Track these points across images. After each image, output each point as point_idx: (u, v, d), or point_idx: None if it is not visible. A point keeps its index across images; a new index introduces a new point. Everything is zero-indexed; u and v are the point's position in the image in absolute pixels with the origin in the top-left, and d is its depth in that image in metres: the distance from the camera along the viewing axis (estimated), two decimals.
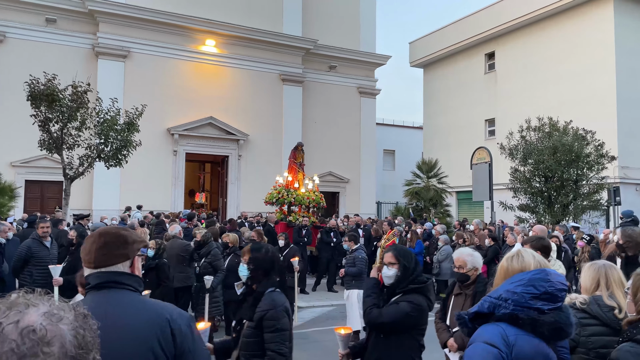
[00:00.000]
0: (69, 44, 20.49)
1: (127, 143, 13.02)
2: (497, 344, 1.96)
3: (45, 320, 0.93)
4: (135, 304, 1.84)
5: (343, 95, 26.37)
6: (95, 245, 1.90)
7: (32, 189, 19.92)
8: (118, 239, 1.92)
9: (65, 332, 0.94)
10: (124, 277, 1.88)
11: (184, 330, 1.81)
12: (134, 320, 1.77)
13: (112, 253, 1.89)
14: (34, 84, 12.14)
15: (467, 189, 20.11)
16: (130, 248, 1.92)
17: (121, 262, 1.89)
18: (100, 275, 1.86)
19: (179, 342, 1.79)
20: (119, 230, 2.00)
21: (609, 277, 2.88)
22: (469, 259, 4.19)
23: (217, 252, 7.78)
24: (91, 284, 1.87)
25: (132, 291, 1.88)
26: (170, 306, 1.89)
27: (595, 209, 15.12)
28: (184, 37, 22.26)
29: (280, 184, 15.97)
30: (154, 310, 1.82)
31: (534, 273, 2.13)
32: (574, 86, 21.51)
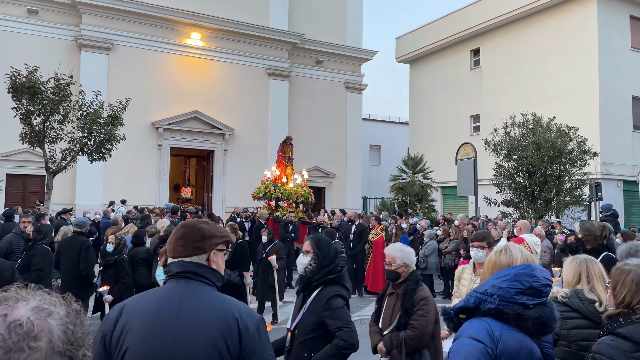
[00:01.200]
0: (51, 36, 20.14)
1: (111, 137, 12.86)
2: (483, 338, 1.98)
3: (33, 315, 0.93)
4: (208, 297, 1.86)
5: (329, 90, 26.35)
6: (174, 236, 1.97)
7: (13, 182, 19.60)
8: (195, 232, 1.96)
9: (53, 327, 0.93)
10: (202, 269, 1.91)
11: (251, 331, 1.80)
12: (204, 313, 1.79)
13: (188, 245, 1.93)
14: (15, 76, 11.92)
15: (452, 184, 20.28)
16: (207, 242, 1.95)
17: (197, 254, 1.93)
18: (181, 264, 1.91)
19: (245, 342, 1.78)
20: (199, 223, 2.03)
21: (590, 271, 2.93)
22: (399, 255, 3.86)
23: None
24: (172, 272, 1.92)
25: (209, 285, 1.90)
26: (242, 304, 1.90)
27: (577, 204, 15.34)
28: (169, 30, 22.02)
29: (268, 179, 15.68)
30: (225, 307, 1.83)
31: (519, 268, 2.15)
32: (557, 83, 21.76)
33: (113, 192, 19.07)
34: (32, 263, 5.99)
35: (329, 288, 3.16)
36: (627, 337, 2.13)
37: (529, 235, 6.74)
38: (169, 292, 1.86)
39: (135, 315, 1.79)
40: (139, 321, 1.77)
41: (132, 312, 1.80)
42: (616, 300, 2.28)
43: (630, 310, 2.22)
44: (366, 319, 8.07)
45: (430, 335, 3.69)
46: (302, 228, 13.81)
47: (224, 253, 2.02)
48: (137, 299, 1.91)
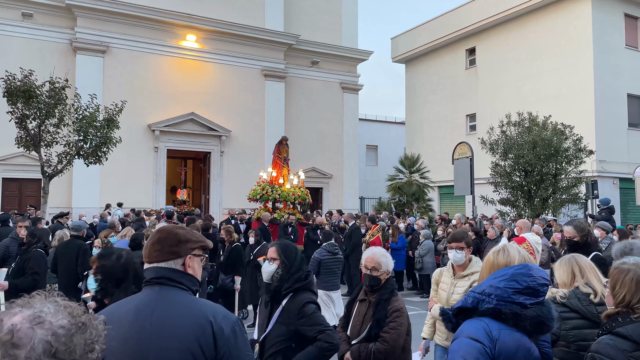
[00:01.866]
0: (46, 39, 20.09)
1: (107, 140, 12.81)
2: (481, 338, 1.99)
3: (24, 323, 0.94)
4: (182, 302, 1.85)
5: (325, 91, 26.36)
6: (150, 241, 1.97)
7: (10, 186, 19.54)
8: (171, 237, 1.96)
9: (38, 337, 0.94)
10: (176, 274, 1.91)
11: (226, 333, 1.80)
12: (177, 319, 1.79)
13: (164, 250, 1.93)
14: (10, 80, 11.87)
15: (449, 183, 20.30)
16: (182, 247, 1.95)
17: (172, 259, 1.92)
18: (155, 270, 1.91)
19: (220, 345, 1.78)
20: (174, 228, 2.04)
21: (581, 265, 2.95)
22: (384, 261, 3.65)
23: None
24: (146, 278, 1.92)
25: (183, 290, 1.90)
26: (217, 307, 1.90)
27: (573, 202, 15.38)
28: (164, 32, 21.99)
29: (264, 180, 15.49)
30: (199, 311, 1.83)
31: (516, 268, 2.16)
32: (553, 81, 21.82)
33: (109, 195, 19.03)
34: (27, 267, 5.96)
35: (300, 296, 3.06)
36: (626, 337, 2.14)
37: (530, 234, 6.75)
38: (143, 299, 1.85)
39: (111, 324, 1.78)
40: (114, 331, 1.76)
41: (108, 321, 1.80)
42: (616, 299, 2.29)
43: (629, 309, 2.23)
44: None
45: (402, 348, 3.54)
46: (300, 230, 13.68)
47: (200, 258, 2.01)
48: (113, 308, 1.91)
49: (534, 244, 6.42)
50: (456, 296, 4.07)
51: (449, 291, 4.19)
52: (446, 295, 4.20)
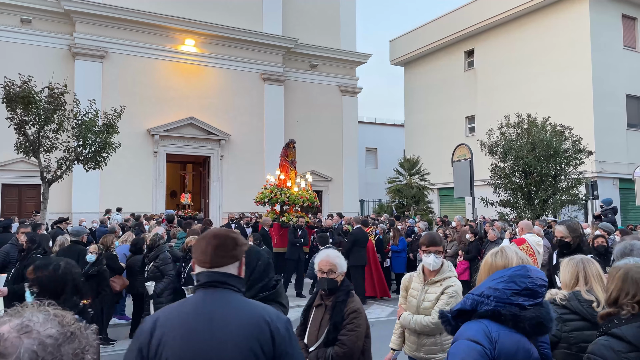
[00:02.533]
0: (45, 45, 20.13)
1: (106, 145, 12.81)
2: (480, 340, 1.99)
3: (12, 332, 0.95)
4: (238, 304, 1.93)
5: (324, 94, 26.40)
6: (210, 246, 2.00)
7: (9, 192, 19.55)
8: (230, 241, 2.04)
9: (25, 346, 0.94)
10: (231, 279, 1.99)
11: (282, 332, 1.89)
12: (237, 320, 1.86)
13: (225, 254, 2.00)
14: (9, 86, 11.88)
15: (449, 185, 20.29)
16: (239, 250, 2.04)
17: (232, 263, 2.01)
18: (211, 274, 1.96)
19: (278, 343, 1.86)
20: (230, 232, 2.12)
21: (587, 271, 2.92)
22: (339, 262, 3.48)
23: (166, 257, 7.33)
24: (201, 282, 1.97)
25: (235, 292, 1.97)
26: (269, 308, 1.99)
27: (573, 203, 15.36)
28: (162, 37, 22.03)
29: (272, 183, 15.21)
30: (255, 312, 1.92)
31: (514, 269, 2.16)
32: (551, 82, 21.85)
33: (109, 200, 19.04)
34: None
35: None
36: (620, 337, 2.14)
37: (530, 236, 6.74)
38: (200, 301, 1.92)
39: (170, 327, 1.86)
40: (176, 332, 1.84)
41: (166, 324, 1.87)
42: (606, 298, 2.30)
43: (618, 307, 2.23)
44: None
45: (361, 351, 3.38)
46: (309, 233, 13.52)
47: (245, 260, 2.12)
48: (169, 310, 1.96)
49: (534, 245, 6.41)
50: (427, 303, 3.87)
51: (420, 298, 3.95)
52: (416, 302, 3.95)
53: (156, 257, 7.32)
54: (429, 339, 3.87)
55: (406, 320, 3.96)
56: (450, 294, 3.82)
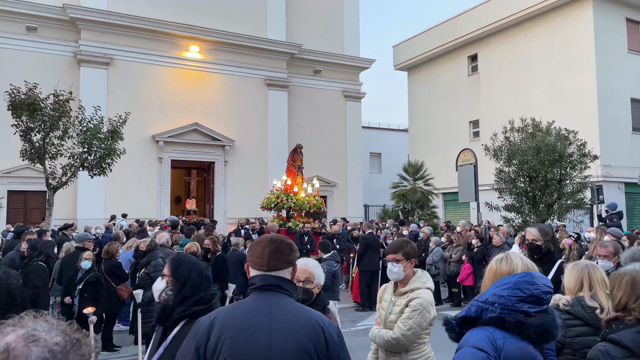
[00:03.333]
0: (51, 52, 20.26)
1: (111, 151, 12.87)
2: (485, 347, 1.97)
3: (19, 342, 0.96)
4: (293, 308, 2.00)
5: (328, 100, 26.43)
6: (267, 250, 2.06)
7: (15, 199, 19.62)
8: (286, 246, 2.11)
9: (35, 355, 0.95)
10: (285, 283, 2.05)
11: (335, 338, 1.96)
12: (294, 324, 1.92)
13: (281, 258, 2.06)
14: (14, 94, 11.97)
15: (453, 190, 20.26)
16: (294, 255, 2.11)
17: (287, 267, 2.07)
18: (267, 278, 2.02)
19: (331, 348, 1.92)
20: (284, 238, 2.19)
21: (592, 277, 2.91)
22: (318, 271, 3.24)
23: (158, 263, 7.12)
24: (256, 285, 2.03)
25: (288, 296, 2.03)
26: (321, 314, 2.06)
27: (579, 207, 15.30)
28: (167, 44, 22.15)
29: (278, 188, 15.06)
30: (310, 316, 1.98)
31: (519, 276, 2.15)
32: (555, 86, 21.81)
33: (114, 206, 19.09)
34: (28, 280, 5.97)
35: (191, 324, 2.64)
36: (617, 342, 2.13)
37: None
38: (257, 304, 1.97)
39: (229, 327, 1.90)
40: (234, 333, 1.89)
41: (225, 324, 1.91)
42: (614, 303, 2.28)
43: (626, 311, 2.22)
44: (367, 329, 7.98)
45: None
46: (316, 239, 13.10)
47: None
48: (226, 312, 2.01)
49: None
50: (392, 316, 3.57)
51: (387, 310, 3.65)
52: (384, 315, 3.66)
53: (148, 263, 7.16)
54: (395, 357, 3.52)
55: (372, 335, 3.68)
56: (413, 307, 3.44)
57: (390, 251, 3.64)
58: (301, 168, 15.98)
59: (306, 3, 26.17)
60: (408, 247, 3.63)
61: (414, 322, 3.40)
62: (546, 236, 4.06)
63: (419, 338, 3.44)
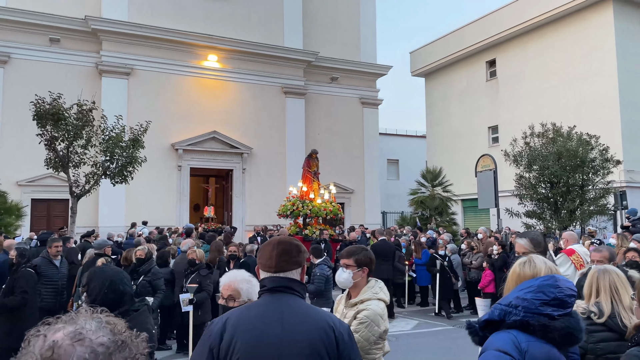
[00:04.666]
0: (73, 63, 20.71)
1: (133, 159, 13.06)
2: (510, 351, 1.97)
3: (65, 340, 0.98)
4: (304, 309, 2.02)
5: (345, 106, 26.49)
6: (275, 252, 2.10)
7: (38, 207, 20.01)
8: (294, 248, 2.13)
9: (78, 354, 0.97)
10: (295, 284, 2.08)
11: (345, 338, 1.98)
12: (305, 324, 1.94)
13: (290, 259, 2.09)
14: (39, 104, 12.24)
15: (473, 196, 20.08)
16: (302, 256, 2.13)
17: (295, 269, 2.10)
18: (277, 280, 2.06)
19: (342, 348, 1.94)
20: (292, 239, 2.21)
21: (600, 283, 2.91)
22: (245, 288, 2.92)
23: (157, 271, 7.19)
24: (267, 287, 2.06)
25: (299, 297, 2.06)
26: (332, 315, 2.09)
27: (602, 213, 15.03)
28: (186, 53, 22.47)
29: (294, 195, 14.86)
30: (320, 317, 2.01)
31: (543, 279, 2.14)
32: (576, 91, 21.53)
33: (135, 214, 19.34)
34: (16, 286, 6.09)
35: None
36: None
37: (579, 246, 6.67)
38: (269, 305, 2.01)
39: (241, 328, 1.93)
40: (247, 333, 1.92)
41: (237, 325, 1.94)
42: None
43: None
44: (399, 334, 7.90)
45: None
46: (333, 246, 13.16)
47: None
48: (239, 313, 2.04)
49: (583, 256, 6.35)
50: None
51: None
52: None
53: (148, 270, 7.18)
54: None
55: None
56: (360, 319, 3.10)
57: (344, 255, 3.34)
58: (317, 174, 15.82)
59: (323, 11, 26.33)
60: (362, 254, 3.27)
61: (360, 336, 3.03)
62: (538, 246, 3.64)
63: (367, 354, 3.06)
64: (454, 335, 9.28)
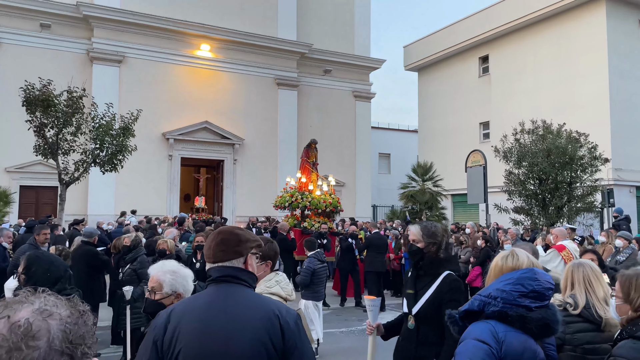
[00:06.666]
0: (64, 49, 20.50)
1: (123, 148, 12.98)
2: (488, 340, 2.01)
3: (34, 317, 0.99)
4: (249, 298, 1.98)
5: (338, 99, 26.47)
6: (213, 242, 2.08)
7: (26, 194, 19.87)
8: (234, 237, 2.09)
9: (53, 327, 0.98)
10: (240, 272, 2.04)
11: (292, 326, 1.92)
12: (248, 314, 1.91)
13: (229, 250, 2.05)
14: (29, 90, 12.10)
15: (463, 191, 20.21)
16: (244, 246, 2.08)
17: (236, 258, 2.05)
18: (222, 269, 2.03)
19: (287, 337, 1.90)
20: (234, 229, 2.18)
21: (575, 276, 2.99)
22: (168, 280, 2.76)
23: (144, 259, 7.02)
24: (212, 277, 2.04)
25: (246, 287, 2.02)
26: (279, 302, 2.05)
27: (589, 210, 15.20)
28: (178, 42, 22.31)
29: (292, 186, 14.26)
30: (266, 305, 1.96)
31: (522, 272, 2.18)
32: (567, 89, 21.67)
33: (124, 203, 19.26)
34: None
35: None
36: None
37: (568, 242, 6.80)
38: (213, 295, 1.98)
39: (185, 319, 1.91)
40: (190, 324, 1.89)
41: (181, 316, 1.92)
42: (634, 304, 2.30)
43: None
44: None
45: None
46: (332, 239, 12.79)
47: (256, 256, 2.14)
48: (183, 304, 2.03)
49: (573, 252, 6.50)
50: None
51: None
52: None
53: (134, 259, 7.08)
54: None
55: None
56: None
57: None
58: (316, 164, 15.22)
59: (317, 3, 26.24)
60: (266, 246, 3.03)
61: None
62: (430, 238, 3.22)
63: None
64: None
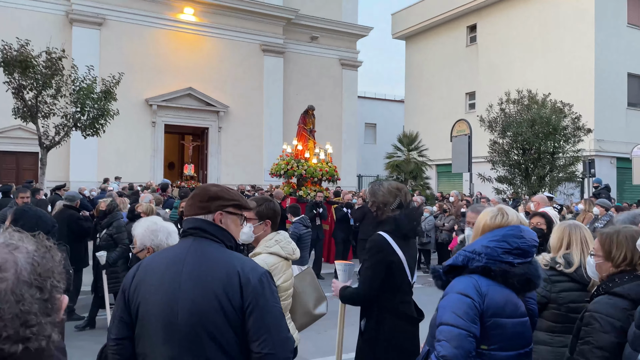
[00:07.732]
0: (42, 10, 19.83)
1: (104, 112, 12.75)
2: (470, 293, 2.04)
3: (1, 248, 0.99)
4: (213, 253, 1.92)
5: (324, 67, 26.16)
6: (189, 197, 2.10)
7: (7, 160, 19.52)
8: (202, 193, 2.05)
9: (20, 260, 0.98)
10: (209, 226, 1.97)
11: (252, 283, 1.83)
12: (206, 268, 1.86)
13: (195, 205, 2.02)
14: (6, 50, 11.76)
15: (447, 161, 20.33)
16: (212, 203, 2.01)
17: (202, 213, 2.00)
18: (190, 221, 2.00)
19: (246, 294, 1.82)
20: (209, 185, 2.13)
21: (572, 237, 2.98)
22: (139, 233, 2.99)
23: (120, 224, 6.96)
24: (183, 228, 2.03)
25: (216, 242, 1.96)
26: (247, 259, 1.98)
27: (570, 180, 15.43)
28: (161, 5, 21.70)
29: (288, 154, 13.95)
30: (229, 262, 1.89)
31: (508, 229, 2.19)
32: (553, 59, 21.67)
33: (107, 169, 19.04)
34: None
35: None
36: (623, 296, 2.21)
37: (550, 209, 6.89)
38: (177, 249, 1.96)
39: (147, 272, 1.91)
40: (150, 276, 1.90)
41: (145, 269, 1.93)
42: (615, 261, 2.32)
43: (633, 267, 2.29)
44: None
45: None
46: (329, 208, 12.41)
47: (236, 217, 2.05)
48: (152, 257, 2.05)
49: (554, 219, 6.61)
50: None
51: None
52: None
53: (110, 224, 6.97)
54: None
55: None
56: None
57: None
58: (313, 132, 14.83)
59: None
60: (264, 205, 3.01)
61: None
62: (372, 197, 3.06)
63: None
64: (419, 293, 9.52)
